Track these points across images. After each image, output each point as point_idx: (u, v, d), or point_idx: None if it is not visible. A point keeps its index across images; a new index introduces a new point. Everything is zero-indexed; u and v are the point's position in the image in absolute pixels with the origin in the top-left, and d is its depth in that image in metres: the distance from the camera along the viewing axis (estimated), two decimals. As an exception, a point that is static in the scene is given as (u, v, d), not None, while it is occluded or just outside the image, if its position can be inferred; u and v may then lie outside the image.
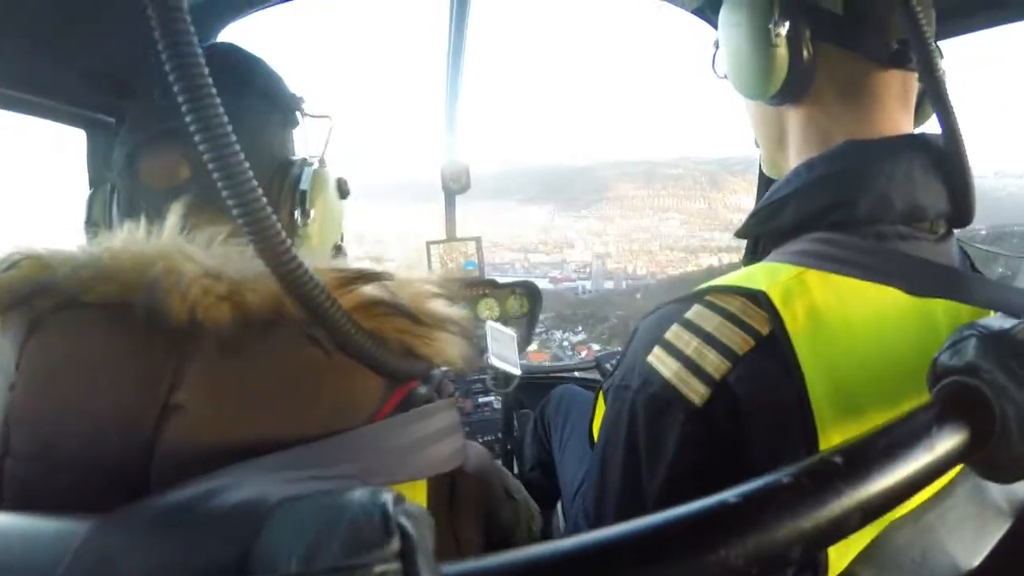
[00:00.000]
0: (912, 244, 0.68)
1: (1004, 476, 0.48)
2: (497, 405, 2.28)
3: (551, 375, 1.96)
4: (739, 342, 0.61)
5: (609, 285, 51.95)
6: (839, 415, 0.59)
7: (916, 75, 0.74)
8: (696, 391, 0.62)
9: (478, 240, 2.69)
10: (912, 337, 0.64)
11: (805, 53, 0.72)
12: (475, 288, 2.65)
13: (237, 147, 0.41)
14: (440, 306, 0.60)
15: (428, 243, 2.63)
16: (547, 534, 2.00)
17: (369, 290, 0.54)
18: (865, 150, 0.70)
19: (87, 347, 0.50)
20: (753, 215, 0.77)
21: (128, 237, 0.54)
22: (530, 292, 2.73)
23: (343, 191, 0.84)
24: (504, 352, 1.70)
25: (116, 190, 0.75)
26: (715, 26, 1.56)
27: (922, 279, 0.65)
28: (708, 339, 0.63)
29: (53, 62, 0.97)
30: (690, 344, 0.63)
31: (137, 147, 0.68)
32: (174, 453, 0.47)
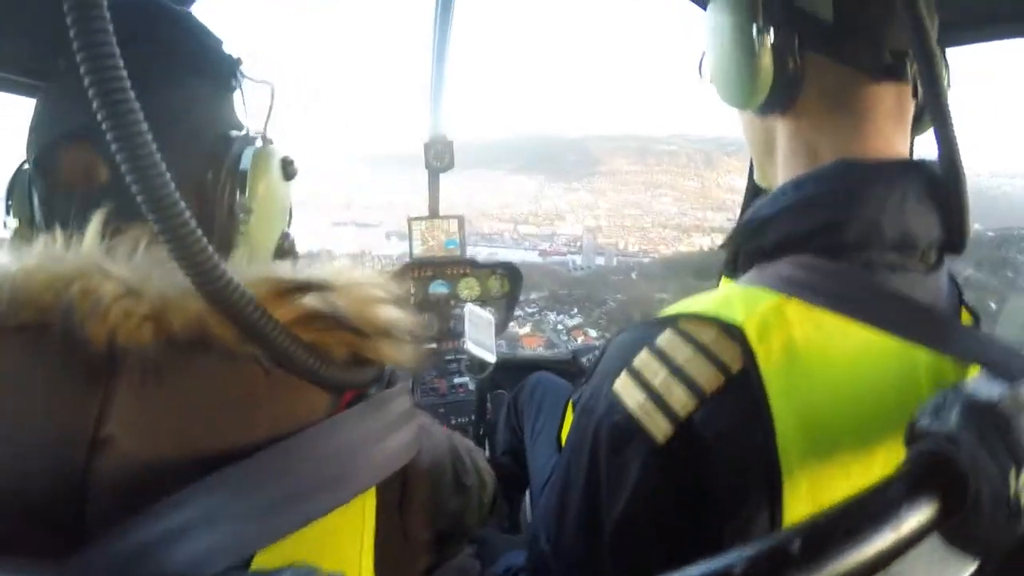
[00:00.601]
0: (901, 276, 0.65)
1: (970, 549, 0.46)
2: (472, 387, 2.31)
3: (528, 361, 1.99)
4: (708, 378, 0.59)
5: (600, 261, 51.72)
6: (808, 457, 0.58)
7: (911, 89, 0.71)
8: (660, 428, 0.60)
9: (461, 219, 2.67)
10: (892, 380, 0.63)
11: (791, 63, 0.68)
12: (455, 267, 2.66)
13: (152, 148, 0.39)
14: (385, 312, 0.57)
15: (410, 220, 2.61)
16: (515, 520, 2.05)
17: (308, 301, 0.53)
18: (858, 172, 0.67)
19: (6, 377, 0.48)
20: (737, 231, 0.74)
21: (44, 252, 0.50)
22: (511, 273, 2.74)
23: (288, 172, 0.75)
24: (481, 337, 1.71)
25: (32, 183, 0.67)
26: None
27: (908, 323, 0.62)
28: (677, 372, 0.60)
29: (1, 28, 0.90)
30: (658, 375, 0.61)
31: (47, 148, 0.61)
32: (108, 488, 0.45)
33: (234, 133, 0.70)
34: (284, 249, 0.75)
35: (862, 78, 0.69)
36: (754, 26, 0.68)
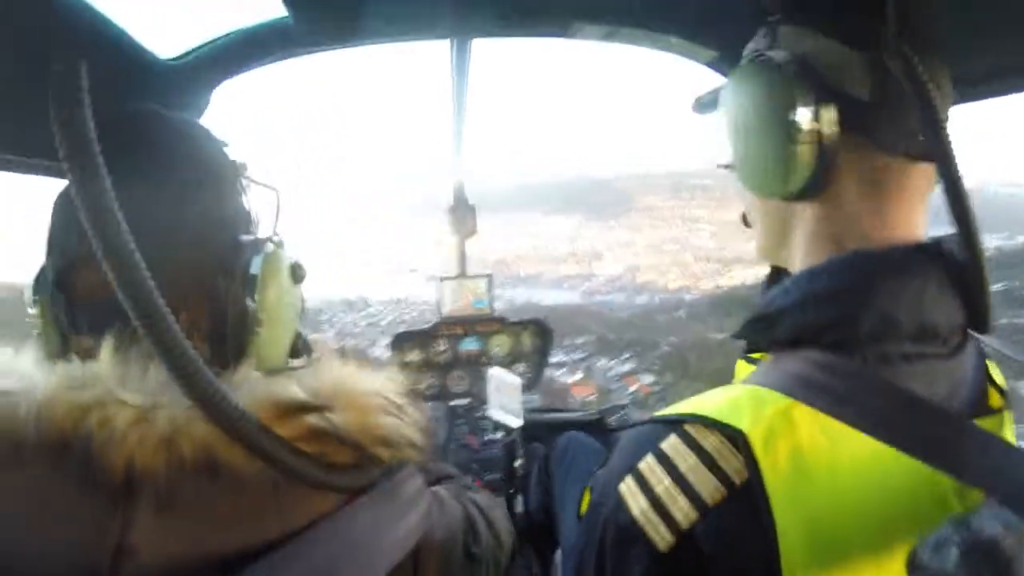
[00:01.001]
0: (920, 365, 0.63)
1: None
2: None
3: (555, 422, 2.04)
4: (711, 490, 0.59)
5: (642, 299, 50.88)
6: (812, 569, 0.57)
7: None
8: (662, 536, 0.61)
9: (489, 278, 2.76)
10: (903, 489, 0.60)
11: (830, 147, 0.64)
12: (486, 324, 2.74)
13: (147, 279, 0.42)
14: (384, 423, 0.65)
15: (440, 279, 2.72)
16: (548, 571, 2.07)
17: (310, 420, 0.59)
18: (872, 264, 0.65)
19: (32, 492, 0.54)
20: (749, 323, 0.72)
21: (65, 375, 0.57)
22: (541, 330, 2.80)
23: (297, 276, 0.78)
24: (506, 401, 1.76)
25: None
26: (726, 75, 1.55)
27: (915, 435, 0.59)
28: (680, 481, 0.61)
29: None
30: (661, 482, 0.62)
31: (65, 270, 0.66)
32: None
33: (244, 238, 0.73)
34: (297, 348, 0.80)
35: (899, 160, 0.66)
36: (793, 108, 0.64)
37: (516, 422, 1.72)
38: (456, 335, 2.72)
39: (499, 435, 1.78)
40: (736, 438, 0.59)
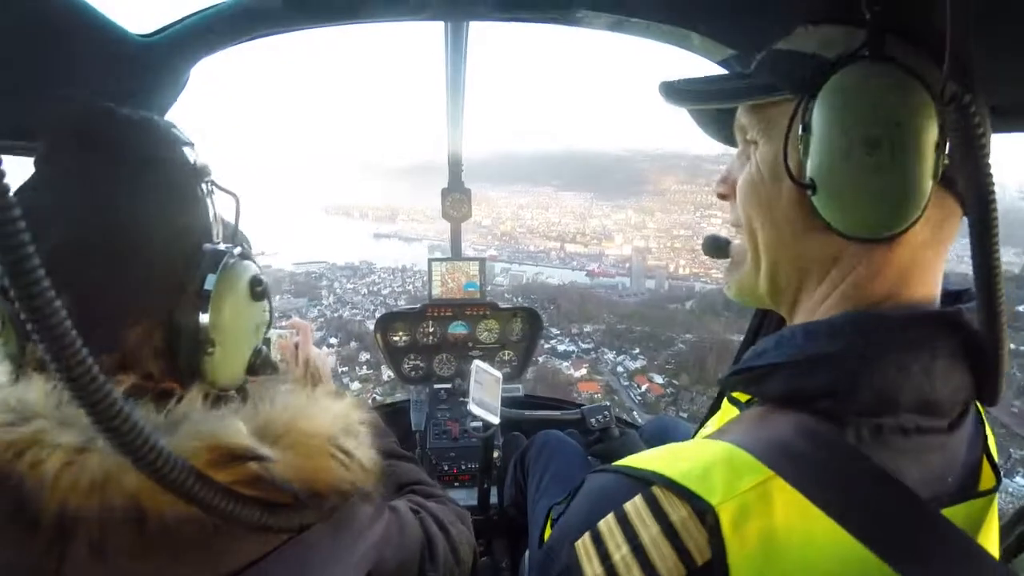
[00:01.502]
0: (916, 440, 0.60)
1: None
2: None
3: (536, 419, 2.03)
4: (670, 567, 0.56)
5: (650, 284, 50.24)
6: None
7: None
8: None
9: (482, 262, 2.74)
10: None
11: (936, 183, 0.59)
12: (475, 309, 2.72)
13: (71, 330, 0.39)
14: (332, 473, 0.65)
15: (430, 260, 2.70)
16: (516, 573, 2.08)
17: (251, 467, 0.59)
18: (881, 330, 0.60)
19: None
20: (737, 373, 0.68)
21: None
22: (531, 317, 2.79)
23: (256, 293, 0.75)
24: (486, 398, 1.74)
25: None
26: (745, 72, 1.52)
27: (889, 536, 0.55)
28: (638, 552, 0.57)
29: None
30: (619, 550, 0.58)
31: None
32: None
33: (205, 247, 0.70)
34: (256, 366, 0.77)
35: (959, 209, 0.62)
36: (933, 128, 0.57)
37: (494, 419, 1.72)
38: (445, 317, 2.72)
39: (478, 424, 1.75)
40: (705, 513, 0.55)
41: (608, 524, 0.60)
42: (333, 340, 28.08)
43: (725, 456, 0.59)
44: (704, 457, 0.60)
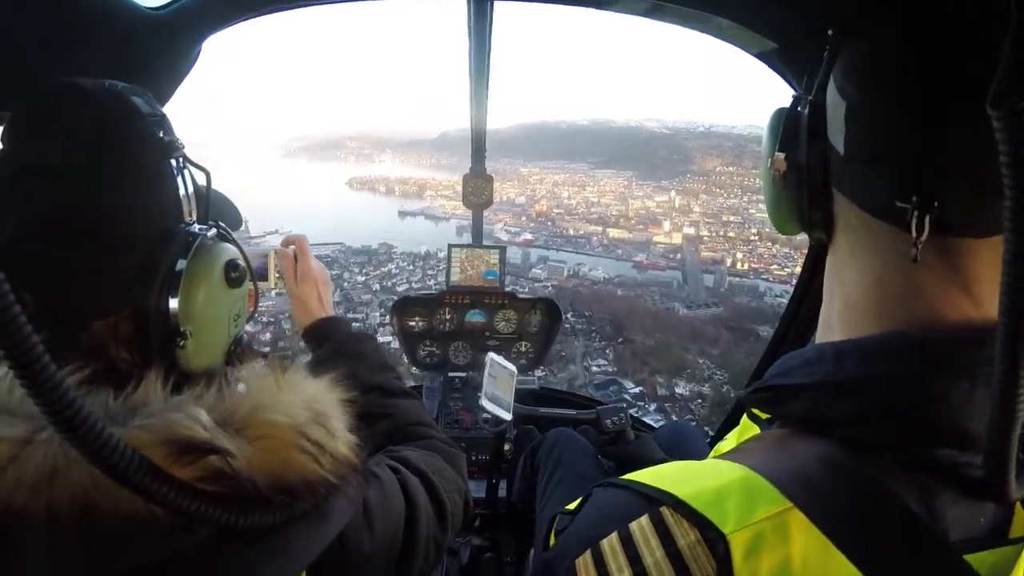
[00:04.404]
0: (948, 475, 0.57)
1: None
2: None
3: (551, 417, 2.08)
4: None
5: (708, 281, 46.18)
6: None
7: None
8: None
9: (503, 250, 2.83)
10: None
11: (817, 196, 0.66)
12: (494, 298, 2.81)
13: (8, 300, 0.38)
14: (303, 463, 0.65)
15: (450, 246, 2.79)
16: (520, 568, 2.18)
17: (212, 461, 0.58)
18: (917, 356, 0.58)
19: None
20: (759, 391, 0.68)
21: None
22: (550, 310, 2.88)
23: (233, 279, 0.75)
24: (498, 393, 1.81)
25: None
26: (780, 72, 1.45)
27: None
28: None
29: None
30: (621, 572, 0.58)
31: None
32: None
33: (179, 228, 0.71)
34: (235, 354, 0.79)
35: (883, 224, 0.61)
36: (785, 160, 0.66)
37: (506, 415, 1.80)
38: (462, 305, 2.82)
39: (489, 417, 1.81)
40: (716, 541, 0.55)
41: (611, 544, 0.60)
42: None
43: (742, 481, 0.59)
44: (719, 480, 0.60)
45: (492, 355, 1.91)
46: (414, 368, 2.95)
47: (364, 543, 0.78)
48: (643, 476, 0.64)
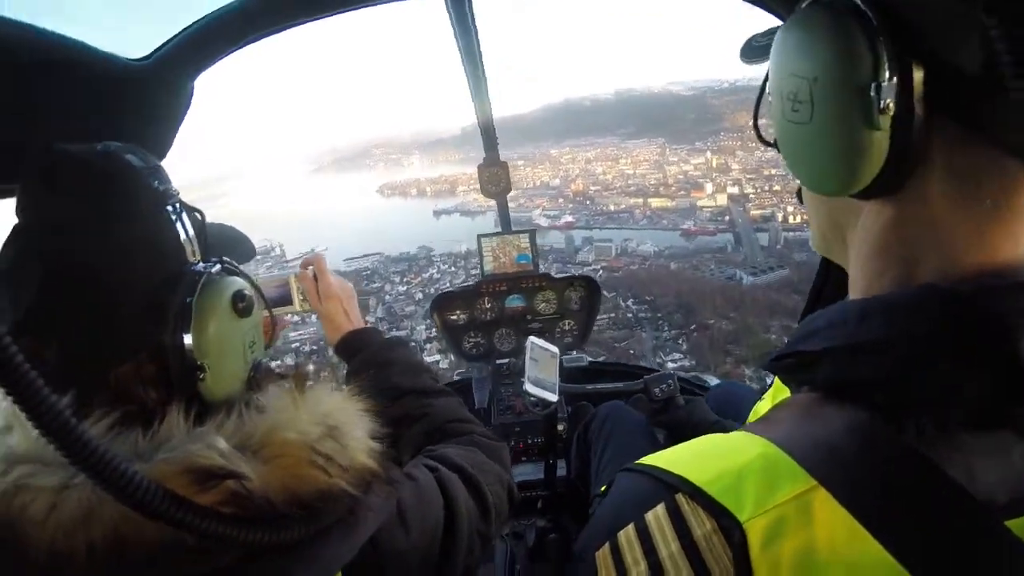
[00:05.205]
0: (991, 437, 0.51)
1: None
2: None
3: (598, 392, 2.08)
4: None
5: (763, 240, 43.47)
6: None
7: None
8: None
9: (532, 233, 2.84)
10: None
11: (915, 132, 0.52)
12: (531, 281, 2.83)
13: (24, 367, 0.41)
14: (316, 477, 0.69)
15: (479, 236, 2.82)
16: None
17: (230, 485, 0.63)
18: (949, 308, 0.52)
19: None
20: (782, 357, 0.63)
21: None
22: (588, 284, 2.88)
23: (241, 308, 0.80)
24: (542, 376, 1.81)
25: None
26: (776, 14, 1.39)
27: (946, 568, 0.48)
28: (655, 570, 0.54)
29: None
30: (637, 566, 0.56)
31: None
32: None
33: (185, 268, 0.76)
34: (256, 380, 0.84)
35: (1017, 163, 0.51)
36: (874, 80, 0.51)
37: (552, 397, 1.79)
38: (500, 292, 2.84)
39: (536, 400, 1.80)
40: (731, 529, 0.52)
41: (628, 536, 0.58)
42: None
43: (762, 459, 0.55)
44: (739, 460, 0.56)
45: (532, 339, 1.90)
46: (462, 361, 2.99)
47: (399, 543, 0.81)
48: (660, 459, 0.62)
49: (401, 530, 0.82)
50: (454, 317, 2.89)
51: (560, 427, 2.35)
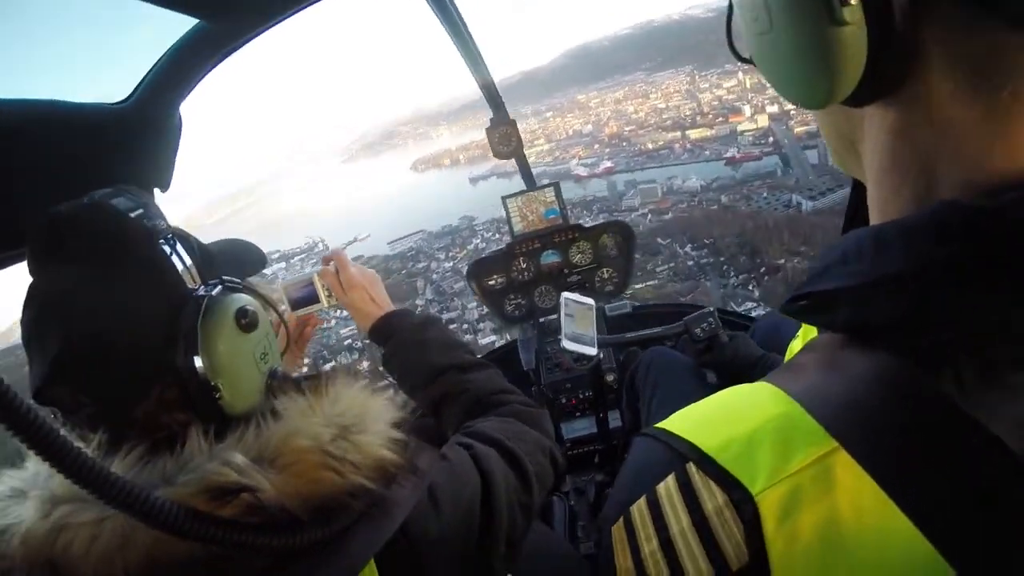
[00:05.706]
0: None
1: None
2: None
3: (640, 339, 2.03)
4: (698, 570, 0.48)
5: (812, 157, 40.46)
6: None
7: None
8: None
9: (556, 185, 2.77)
10: None
11: (899, 25, 0.44)
12: (563, 234, 2.78)
13: (39, 420, 0.45)
14: (329, 480, 0.71)
15: (504, 198, 2.77)
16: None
17: (247, 497, 0.66)
18: (978, 225, 0.43)
19: None
20: (796, 298, 0.54)
21: (36, 506, 0.67)
22: (622, 230, 2.80)
23: (244, 324, 0.82)
24: (578, 331, 1.75)
25: None
26: None
27: (979, 547, 0.41)
28: (666, 547, 0.50)
29: None
30: (649, 542, 0.51)
31: (37, 392, 0.73)
32: None
33: (187, 295, 0.79)
34: (274, 387, 0.85)
35: None
36: None
37: (591, 351, 1.74)
38: (534, 250, 2.81)
39: (576, 355, 1.74)
40: (743, 502, 0.46)
41: (640, 510, 0.53)
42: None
43: (779, 419, 0.49)
44: (754, 420, 0.51)
45: (565, 294, 1.84)
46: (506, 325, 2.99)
47: (431, 527, 0.82)
48: (673, 423, 0.56)
49: (433, 513, 0.83)
50: (492, 282, 2.87)
51: (610, 378, 2.33)
